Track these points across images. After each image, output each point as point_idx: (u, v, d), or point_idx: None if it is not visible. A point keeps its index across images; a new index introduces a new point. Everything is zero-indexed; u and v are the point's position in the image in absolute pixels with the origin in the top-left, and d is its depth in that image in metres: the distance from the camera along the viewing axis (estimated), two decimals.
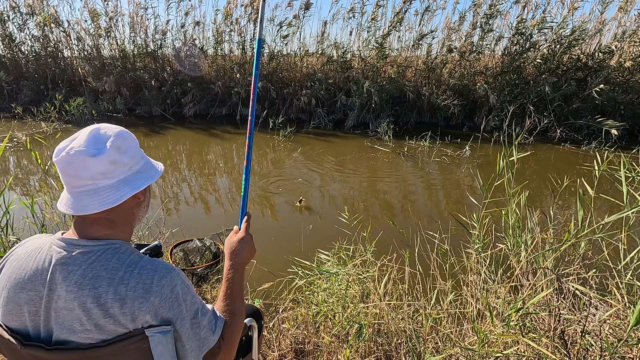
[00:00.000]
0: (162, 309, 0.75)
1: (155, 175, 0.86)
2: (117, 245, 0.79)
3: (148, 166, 0.87)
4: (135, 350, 0.73)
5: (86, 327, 0.71)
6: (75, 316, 0.71)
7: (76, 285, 0.72)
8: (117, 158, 0.78)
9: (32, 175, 5.03)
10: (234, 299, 0.96)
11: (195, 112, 8.99)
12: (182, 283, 0.80)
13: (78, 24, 9.24)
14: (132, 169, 0.82)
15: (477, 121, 7.33)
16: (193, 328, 0.81)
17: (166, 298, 0.76)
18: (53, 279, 0.73)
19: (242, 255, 1.03)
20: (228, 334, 0.91)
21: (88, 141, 0.77)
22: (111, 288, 0.72)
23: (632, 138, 6.82)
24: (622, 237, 1.73)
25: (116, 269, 0.74)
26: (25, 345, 0.73)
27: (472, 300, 1.83)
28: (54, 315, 0.72)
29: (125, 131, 0.83)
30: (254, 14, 8.36)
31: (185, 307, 0.79)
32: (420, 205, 4.25)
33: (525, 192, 2.05)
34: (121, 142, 0.79)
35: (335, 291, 1.92)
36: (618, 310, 1.58)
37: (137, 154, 0.84)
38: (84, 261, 0.74)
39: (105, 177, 0.77)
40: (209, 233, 3.27)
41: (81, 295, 0.71)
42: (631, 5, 7.05)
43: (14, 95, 9.67)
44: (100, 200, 0.76)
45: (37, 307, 0.74)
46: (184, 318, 0.78)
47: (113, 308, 0.71)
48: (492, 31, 7.72)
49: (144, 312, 0.73)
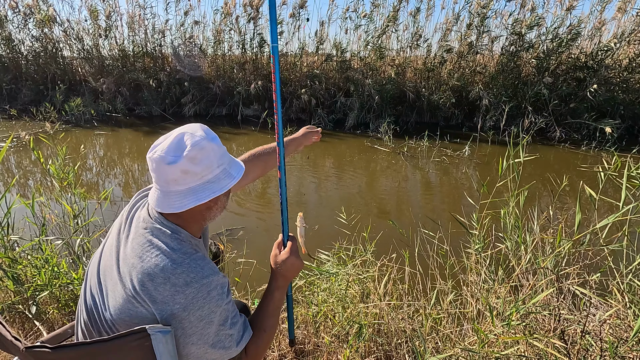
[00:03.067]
0: (192, 305, 0.78)
1: (225, 187, 0.86)
2: (182, 235, 0.86)
3: (223, 175, 0.86)
4: (138, 348, 0.74)
5: (126, 287, 0.80)
6: (126, 270, 0.81)
7: (139, 246, 0.83)
8: (189, 168, 0.81)
9: (32, 175, 5.03)
10: (270, 317, 0.98)
11: (195, 112, 8.99)
12: (221, 288, 0.84)
13: (78, 24, 9.25)
14: (204, 179, 0.83)
15: (476, 121, 7.33)
16: (218, 335, 0.83)
17: (201, 297, 0.79)
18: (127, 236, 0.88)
19: (287, 276, 1.05)
20: (253, 348, 0.92)
21: (169, 147, 0.82)
22: (161, 265, 0.80)
23: (632, 138, 6.82)
24: (621, 237, 1.73)
25: (174, 251, 0.82)
26: (28, 348, 0.73)
27: (472, 300, 1.83)
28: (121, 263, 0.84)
29: (207, 139, 0.83)
30: (253, 12, 8.37)
31: (215, 312, 0.82)
32: (420, 205, 4.25)
33: (525, 192, 2.05)
34: (197, 153, 0.81)
35: (335, 291, 1.92)
36: (618, 310, 1.58)
37: (213, 163, 0.84)
38: (154, 232, 0.85)
39: (177, 183, 0.82)
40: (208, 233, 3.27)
41: (135, 257, 0.82)
42: (630, 5, 7.05)
43: (14, 95, 9.66)
44: (169, 204, 0.83)
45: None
46: (212, 321, 0.81)
47: (154, 283, 0.78)
48: (487, 31, 7.73)
49: (176, 301, 0.78)
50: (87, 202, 2.61)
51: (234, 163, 0.92)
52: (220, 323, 0.83)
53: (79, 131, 7.53)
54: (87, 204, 2.61)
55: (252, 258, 2.77)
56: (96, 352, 0.72)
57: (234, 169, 0.90)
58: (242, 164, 0.93)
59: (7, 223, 2.03)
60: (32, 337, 1.85)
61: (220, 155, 0.86)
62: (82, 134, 7.33)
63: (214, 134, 0.89)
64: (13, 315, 1.93)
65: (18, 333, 1.87)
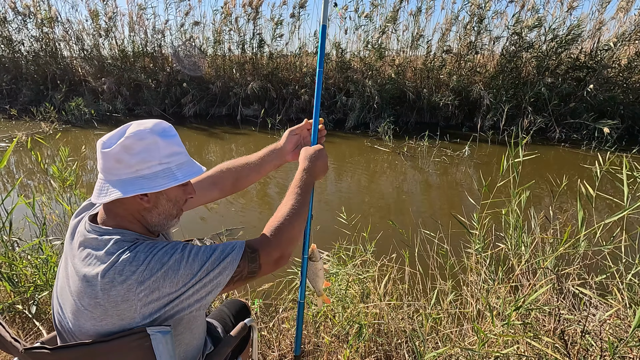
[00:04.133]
0: (154, 287, 0.73)
1: (159, 187, 0.78)
2: (125, 234, 0.79)
3: (163, 174, 0.79)
4: (137, 348, 0.74)
5: (84, 302, 0.74)
6: (76, 289, 0.75)
7: (80, 262, 0.76)
8: (123, 157, 0.76)
9: (32, 175, 5.03)
10: (297, 198, 0.92)
11: (195, 112, 8.99)
12: (171, 246, 0.78)
13: (78, 24, 9.26)
14: (138, 172, 0.77)
15: (476, 121, 7.33)
16: (197, 288, 0.77)
17: (152, 278, 0.73)
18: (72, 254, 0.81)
19: (317, 163, 1.01)
20: (266, 246, 0.83)
21: (114, 133, 0.79)
22: (107, 270, 0.73)
23: (632, 138, 6.81)
24: (622, 238, 1.73)
25: (111, 254, 0.75)
26: (27, 349, 0.73)
27: (472, 300, 1.83)
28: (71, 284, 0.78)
29: (151, 132, 0.78)
30: (252, 13, 8.38)
31: (177, 277, 0.75)
32: (420, 205, 4.25)
33: (526, 192, 2.04)
34: (133, 143, 0.76)
35: (335, 291, 1.92)
36: (618, 310, 1.58)
37: (154, 158, 0.78)
38: (91, 243, 0.78)
39: (111, 172, 0.78)
40: (209, 233, 3.27)
41: (79, 274, 0.75)
42: (630, 5, 7.05)
43: (14, 95, 9.66)
44: (100, 193, 0.79)
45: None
46: (181, 284, 0.75)
47: (104, 289, 0.72)
48: (487, 31, 7.74)
49: (137, 292, 0.72)
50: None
51: (187, 167, 0.83)
52: (190, 280, 0.76)
53: (79, 131, 7.53)
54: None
55: None
56: (96, 352, 0.72)
57: (182, 172, 0.82)
58: (199, 171, 0.85)
59: (10, 222, 2.03)
60: (32, 337, 1.85)
61: (167, 153, 0.80)
62: (82, 134, 7.32)
63: (168, 131, 0.82)
64: (13, 315, 1.93)
65: (18, 333, 1.87)
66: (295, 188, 0.95)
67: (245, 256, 0.81)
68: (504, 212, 2.13)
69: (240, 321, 1.21)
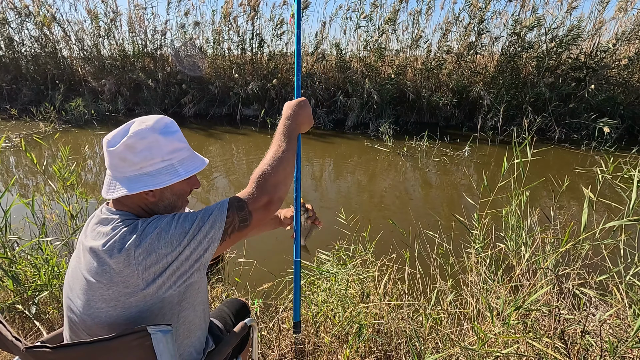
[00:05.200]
0: (151, 249, 0.75)
1: (163, 183, 0.82)
2: (131, 215, 0.83)
3: (165, 170, 0.83)
4: (138, 347, 0.74)
5: (95, 269, 0.77)
6: (85, 263, 0.79)
7: (90, 239, 0.81)
8: (127, 156, 0.80)
9: (31, 175, 5.03)
10: (282, 143, 0.92)
11: (195, 112, 8.99)
12: (170, 216, 0.81)
13: (78, 24, 9.25)
14: (142, 170, 0.81)
15: (476, 121, 7.33)
16: (193, 247, 0.79)
17: (148, 241, 0.76)
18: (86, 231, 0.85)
19: (300, 112, 0.99)
20: (253, 198, 0.84)
21: (117, 132, 0.82)
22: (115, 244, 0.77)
23: (632, 138, 6.82)
24: (622, 238, 1.73)
25: (115, 228, 0.79)
26: (28, 348, 0.73)
27: (472, 300, 1.83)
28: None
29: (152, 130, 0.81)
30: (251, 13, 8.38)
31: (170, 236, 0.78)
32: (420, 205, 4.25)
33: (527, 193, 2.05)
34: (135, 142, 0.79)
35: (335, 291, 1.92)
36: (618, 310, 1.58)
37: (156, 155, 0.81)
38: (101, 222, 0.82)
39: (117, 170, 0.82)
40: None
41: (87, 247, 0.80)
42: (631, 5, 7.05)
43: (14, 95, 9.66)
44: (109, 189, 0.83)
45: None
46: (176, 243, 0.77)
47: (112, 257, 0.76)
48: (486, 32, 7.74)
49: (140, 261, 0.75)
50: (88, 202, 2.61)
51: (189, 162, 0.86)
52: (185, 238, 0.78)
53: (79, 131, 7.53)
54: (88, 204, 2.61)
55: (252, 258, 2.77)
56: (96, 351, 0.72)
57: (184, 167, 0.85)
58: (201, 165, 0.88)
59: (6, 223, 2.03)
60: (32, 337, 1.85)
61: (169, 150, 0.82)
62: (82, 134, 7.32)
63: (170, 127, 0.84)
64: (13, 315, 1.93)
65: (18, 333, 1.87)
66: (278, 135, 0.94)
67: (232, 207, 0.83)
68: (504, 212, 2.13)
69: (240, 321, 1.21)
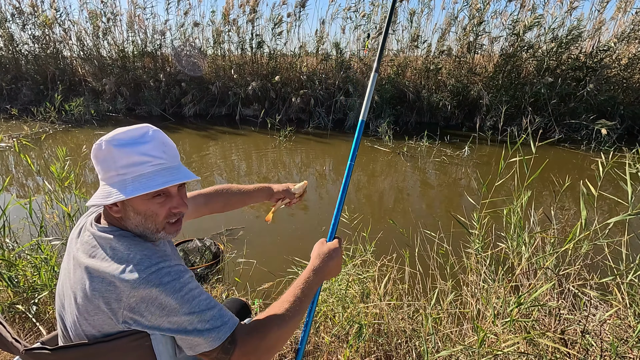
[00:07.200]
0: (145, 300, 0.70)
1: (108, 199, 0.74)
2: (119, 233, 0.80)
3: (118, 186, 0.75)
4: (138, 348, 0.74)
5: (79, 294, 0.74)
6: (76, 279, 0.76)
7: (82, 254, 0.78)
8: (95, 164, 0.80)
9: (31, 175, 5.03)
10: (295, 303, 0.84)
11: (195, 112, 8.99)
12: (176, 274, 0.74)
13: (77, 24, 9.24)
14: (103, 181, 0.80)
15: (476, 121, 7.33)
16: (167, 339, 0.75)
17: (146, 291, 0.70)
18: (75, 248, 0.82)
19: (329, 264, 0.93)
20: (249, 342, 0.77)
21: None
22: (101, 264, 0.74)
23: (631, 138, 6.82)
24: (624, 238, 1.73)
25: (113, 252, 0.76)
26: (27, 350, 0.73)
27: (472, 300, 1.83)
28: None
29: (108, 142, 0.75)
30: (250, 13, 8.38)
31: (165, 305, 0.71)
32: (420, 205, 4.25)
33: (528, 192, 2.05)
34: (96, 151, 0.78)
35: (335, 291, 1.92)
36: (618, 310, 1.58)
37: (110, 169, 0.76)
38: (93, 239, 0.80)
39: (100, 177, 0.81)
40: (209, 233, 3.26)
41: (82, 265, 0.76)
42: (630, 5, 7.05)
43: (14, 95, 9.65)
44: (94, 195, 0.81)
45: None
46: (164, 319, 0.71)
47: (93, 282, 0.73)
48: (485, 33, 7.74)
49: (130, 295, 0.70)
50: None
51: (147, 178, 0.76)
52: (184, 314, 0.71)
53: (79, 131, 7.53)
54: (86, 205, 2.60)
55: (252, 258, 2.77)
56: (96, 352, 0.72)
57: (135, 184, 0.75)
58: (161, 184, 0.76)
59: (3, 224, 2.03)
60: (32, 337, 1.85)
61: (124, 164, 0.75)
62: (82, 134, 7.32)
63: (137, 139, 0.76)
64: (13, 315, 1.93)
65: (18, 333, 1.87)
66: (297, 289, 0.87)
67: (223, 345, 0.74)
68: (504, 212, 2.13)
69: (241, 321, 1.20)
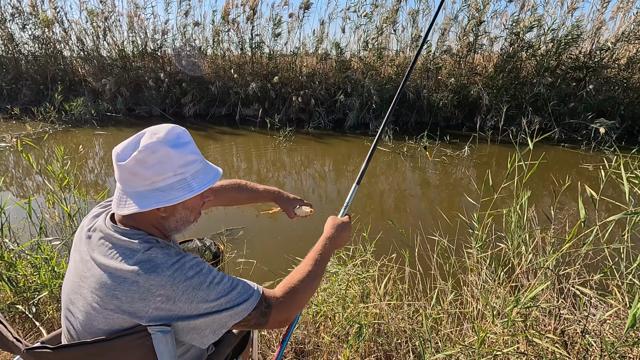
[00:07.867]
0: (175, 291, 0.74)
1: (176, 199, 0.77)
2: (142, 236, 0.80)
3: (178, 185, 0.78)
4: (139, 347, 0.74)
5: (93, 302, 0.75)
6: (94, 281, 0.76)
7: (101, 256, 0.77)
8: (138, 170, 0.76)
9: (31, 175, 5.03)
10: (315, 265, 0.96)
11: (195, 112, 8.99)
12: (197, 266, 0.78)
13: (77, 24, 9.25)
14: (153, 185, 0.76)
15: (476, 121, 7.34)
16: (206, 323, 0.77)
17: (180, 281, 0.74)
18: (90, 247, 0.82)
19: (341, 234, 1.08)
20: (278, 305, 0.86)
21: (127, 144, 0.78)
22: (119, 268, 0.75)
23: (631, 138, 6.82)
24: (625, 237, 1.73)
25: (135, 253, 0.76)
26: (29, 349, 0.73)
27: (472, 300, 1.83)
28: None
29: (163, 143, 0.76)
30: (250, 13, 8.39)
31: (194, 297, 0.75)
32: (420, 205, 4.25)
33: (528, 192, 2.05)
34: (146, 156, 0.74)
35: (335, 291, 1.92)
36: (618, 310, 1.58)
37: (168, 170, 0.76)
38: (111, 240, 0.79)
39: (127, 184, 0.78)
40: (209, 233, 3.27)
41: (102, 266, 0.76)
42: (630, 5, 7.06)
43: (14, 95, 9.65)
44: (119, 204, 0.79)
45: None
46: (194, 308, 0.75)
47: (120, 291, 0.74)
48: (485, 34, 7.74)
49: (154, 298, 0.73)
50: (87, 202, 2.61)
51: (202, 175, 0.81)
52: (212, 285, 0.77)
53: (79, 131, 7.53)
54: (86, 204, 2.61)
55: (252, 258, 2.77)
56: (97, 351, 0.72)
57: (197, 180, 0.80)
58: (215, 177, 0.83)
59: (2, 223, 2.03)
60: (32, 336, 1.85)
61: (181, 164, 0.78)
62: (82, 134, 7.32)
63: (182, 138, 0.79)
64: (13, 315, 1.93)
65: (18, 333, 1.87)
66: (316, 254, 0.99)
67: (258, 308, 0.83)
68: (505, 212, 2.13)
69: None
